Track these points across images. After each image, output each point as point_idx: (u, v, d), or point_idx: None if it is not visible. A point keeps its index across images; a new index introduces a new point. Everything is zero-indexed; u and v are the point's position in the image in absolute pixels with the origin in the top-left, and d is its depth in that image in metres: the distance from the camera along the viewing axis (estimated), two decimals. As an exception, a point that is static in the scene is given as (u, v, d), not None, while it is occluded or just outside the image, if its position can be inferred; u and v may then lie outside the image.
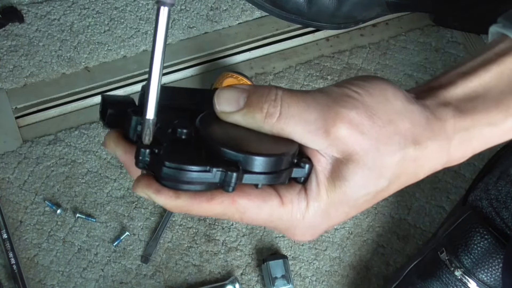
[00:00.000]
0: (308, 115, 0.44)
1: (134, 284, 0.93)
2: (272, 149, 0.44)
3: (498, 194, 0.85)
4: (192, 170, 0.43)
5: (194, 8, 1.07)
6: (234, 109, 0.45)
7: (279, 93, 0.45)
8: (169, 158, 0.43)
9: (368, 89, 0.46)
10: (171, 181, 0.45)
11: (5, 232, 0.93)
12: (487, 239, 0.83)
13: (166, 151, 0.44)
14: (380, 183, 0.46)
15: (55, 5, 1.06)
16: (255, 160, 0.43)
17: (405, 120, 0.46)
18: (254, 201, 0.45)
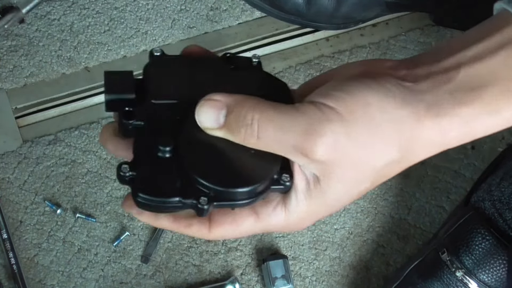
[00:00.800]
0: (287, 139, 0.44)
1: (134, 284, 0.93)
2: (253, 168, 0.45)
3: (501, 195, 0.85)
4: (163, 202, 0.45)
5: (194, 8, 1.07)
6: (215, 126, 0.45)
7: (255, 117, 0.44)
8: (142, 189, 0.45)
9: (349, 104, 0.44)
10: (146, 208, 0.46)
11: (5, 232, 0.93)
12: (489, 240, 0.83)
13: (141, 178, 0.45)
14: (362, 186, 0.47)
15: (55, 5, 1.06)
16: (228, 193, 0.45)
17: (391, 130, 0.45)
18: (229, 227, 0.47)
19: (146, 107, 0.48)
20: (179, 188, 0.45)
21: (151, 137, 0.46)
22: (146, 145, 0.46)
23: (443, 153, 1.09)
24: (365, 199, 0.99)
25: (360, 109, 0.45)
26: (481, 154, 1.02)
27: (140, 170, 0.45)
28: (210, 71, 0.51)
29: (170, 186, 0.45)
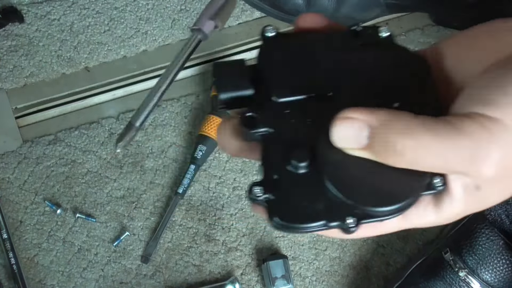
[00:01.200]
0: (447, 167, 0.38)
1: (134, 284, 0.93)
2: (403, 182, 0.39)
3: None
4: (304, 228, 0.39)
5: (194, 8, 1.07)
6: (355, 147, 0.38)
7: (407, 145, 0.37)
8: (282, 214, 0.39)
9: (508, 111, 0.37)
10: (282, 230, 0.40)
11: (5, 232, 0.93)
12: (492, 240, 0.83)
13: (279, 202, 0.39)
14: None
15: (55, 5, 1.06)
16: (378, 211, 0.40)
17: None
18: (370, 229, 0.42)
19: (270, 109, 0.41)
20: (323, 210, 0.39)
21: (280, 147, 0.40)
22: (277, 158, 0.40)
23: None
24: (365, 199, 0.99)
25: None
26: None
27: (275, 189, 0.39)
28: (336, 53, 0.43)
29: (313, 210, 0.39)
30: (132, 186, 0.97)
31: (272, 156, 0.40)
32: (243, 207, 0.98)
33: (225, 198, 0.98)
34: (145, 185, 0.97)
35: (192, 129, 1.00)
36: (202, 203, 0.97)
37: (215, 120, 0.97)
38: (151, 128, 1.00)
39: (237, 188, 0.98)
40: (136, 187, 0.97)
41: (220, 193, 0.98)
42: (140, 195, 0.97)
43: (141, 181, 0.98)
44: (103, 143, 0.99)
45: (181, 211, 0.97)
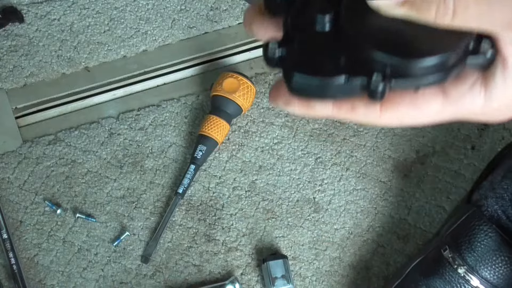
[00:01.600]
0: (495, 14, 0.33)
1: (134, 284, 0.93)
2: (441, 35, 0.34)
3: (504, 193, 0.85)
4: (324, 83, 0.35)
5: (194, 8, 1.07)
6: (392, 4, 0.34)
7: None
8: (299, 66, 0.35)
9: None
10: (302, 93, 0.36)
11: (5, 232, 0.93)
12: (491, 237, 0.83)
13: (296, 55, 0.36)
14: None
15: (55, 5, 1.06)
16: (410, 66, 0.34)
17: None
18: (407, 110, 0.37)
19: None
20: (344, 64, 0.35)
21: (303, 8, 0.37)
22: (299, 17, 0.37)
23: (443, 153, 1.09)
24: (365, 199, 0.99)
25: None
26: (481, 154, 1.02)
27: (294, 46, 0.36)
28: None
29: (333, 62, 0.35)
30: (132, 186, 0.97)
31: (294, 16, 0.37)
32: (243, 207, 0.98)
33: (225, 198, 0.98)
34: (145, 185, 0.97)
35: (192, 129, 1.00)
36: (202, 203, 0.97)
37: (215, 120, 0.97)
38: (151, 128, 1.00)
39: (237, 188, 0.98)
40: (136, 187, 0.97)
41: (220, 193, 0.98)
42: (140, 195, 0.97)
43: (141, 181, 0.98)
44: (103, 143, 0.99)
45: (181, 211, 0.97)
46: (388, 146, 1.02)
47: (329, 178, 1.00)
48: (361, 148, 1.02)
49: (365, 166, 1.01)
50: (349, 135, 1.02)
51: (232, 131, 1.00)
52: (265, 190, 0.98)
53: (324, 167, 1.00)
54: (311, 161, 1.01)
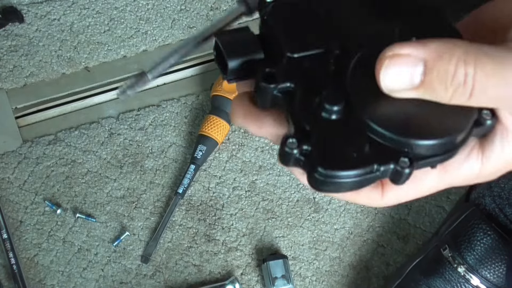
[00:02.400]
0: (509, 95, 0.34)
1: (134, 284, 0.93)
2: (452, 113, 0.35)
3: (501, 191, 0.85)
4: (354, 175, 0.35)
5: (194, 8, 1.07)
6: (406, 87, 0.34)
7: (469, 73, 0.33)
8: (325, 162, 0.34)
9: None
10: (327, 187, 0.35)
11: (5, 232, 0.93)
12: (490, 236, 0.83)
13: (318, 150, 0.35)
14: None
15: (55, 5, 1.06)
16: (431, 147, 0.35)
17: None
18: (406, 188, 0.37)
19: (287, 64, 0.37)
20: (371, 154, 0.34)
21: (307, 97, 0.36)
22: (305, 107, 0.36)
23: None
24: (365, 199, 0.99)
25: None
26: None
27: (313, 143, 0.35)
28: (344, 2, 0.40)
29: (360, 154, 0.34)
30: (132, 186, 0.97)
31: (300, 107, 0.36)
32: (243, 207, 0.98)
33: (225, 198, 0.98)
34: (145, 185, 0.97)
35: (192, 129, 1.00)
36: (202, 203, 0.97)
37: (215, 120, 0.97)
38: (151, 128, 1.00)
39: (237, 188, 0.98)
40: (136, 187, 0.97)
41: (220, 193, 0.98)
42: (140, 195, 0.97)
43: (141, 181, 0.98)
44: (103, 143, 0.99)
45: (181, 211, 0.97)
46: (388, 146, 1.02)
47: (329, 178, 1.00)
48: (361, 148, 1.02)
49: (365, 166, 1.01)
50: (349, 135, 1.02)
51: (232, 131, 1.00)
52: (265, 190, 0.98)
53: (324, 167, 1.00)
54: (311, 161, 1.00)
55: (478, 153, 0.38)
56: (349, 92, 0.36)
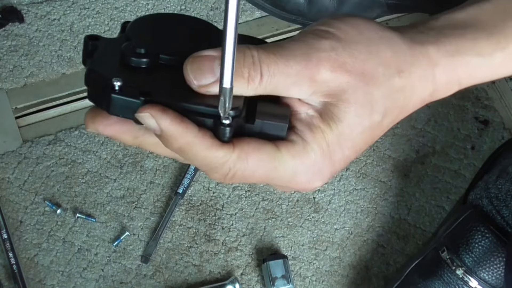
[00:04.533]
0: (290, 69, 0.42)
1: (134, 284, 0.93)
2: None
3: (498, 192, 0.85)
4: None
5: (194, 8, 1.07)
6: (211, 80, 0.42)
7: (255, 55, 0.42)
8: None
9: (340, 26, 0.45)
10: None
11: (5, 232, 0.93)
12: (488, 238, 0.83)
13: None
14: (374, 118, 0.45)
15: (55, 5, 1.06)
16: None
17: (385, 49, 0.45)
18: (253, 144, 0.43)
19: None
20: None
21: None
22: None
23: (443, 153, 1.09)
24: (365, 199, 0.99)
25: (355, 30, 0.45)
26: (481, 154, 1.02)
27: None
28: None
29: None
30: (132, 186, 0.97)
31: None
32: (243, 207, 0.98)
33: (225, 198, 0.98)
34: (145, 185, 0.97)
35: (192, 129, 1.00)
36: (202, 203, 0.97)
37: None
38: (151, 128, 1.00)
39: (237, 188, 0.98)
40: (136, 187, 0.97)
41: (220, 193, 0.98)
42: (140, 195, 0.97)
43: (141, 181, 0.98)
44: (103, 143, 0.99)
45: (181, 211, 0.97)
46: (388, 146, 1.02)
47: (329, 178, 1.00)
48: (361, 148, 1.02)
49: (365, 166, 1.01)
50: (349, 135, 1.02)
51: (232, 131, 1.00)
52: (265, 190, 0.98)
53: (324, 167, 1.00)
54: (311, 161, 1.00)
55: (301, 140, 0.44)
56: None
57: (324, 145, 0.44)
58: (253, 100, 0.44)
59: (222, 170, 0.42)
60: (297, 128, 0.45)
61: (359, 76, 0.44)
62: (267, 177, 0.44)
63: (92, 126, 0.43)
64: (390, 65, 0.45)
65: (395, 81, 0.45)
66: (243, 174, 0.43)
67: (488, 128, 1.04)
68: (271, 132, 0.44)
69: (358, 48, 0.44)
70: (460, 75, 0.47)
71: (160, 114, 0.41)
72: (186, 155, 0.42)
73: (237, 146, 0.42)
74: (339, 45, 0.44)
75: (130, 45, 0.44)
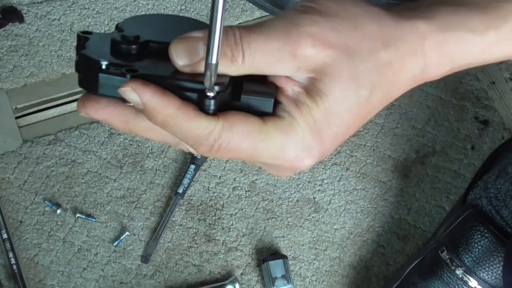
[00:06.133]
0: (270, 46, 0.42)
1: (134, 284, 0.93)
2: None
3: (498, 193, 0.85)
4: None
5: (194, 8, 1.07)
6: (196, 60, 0.42)
7: (237, 34, 0.42)
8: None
9: (323, 2, 0.44)
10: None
11: (5, 232, 0.93)
12: (488, 238, 0.83)
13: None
14: (361, 93, 0.44)
15: (55, 5, 1.06)
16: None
17: (371, 23, 0.44)
18: (238, 115, 0.42)
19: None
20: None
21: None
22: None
23: (443, 153, 1.08)
24: (365, 199, 0.99)
25: (339, 6, 0.44)
26: (481, 154, 1.02)
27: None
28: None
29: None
30: (132, 186, 0.97)
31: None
32: (243, 207, 0.98)
33: (225, 198, 0.98)
34: (145, 185, 0.97)
35: (192, 129, 1.00)
36: (202, 203, 0.97)
37: None
38: (151, 128, 1.00)
39: (237, 188, 0.98)
40: (136, 187, 0.97)
41: (220, 193, 0.98)
42: (140, 195, 0.97)
43: (141, 181, 0.98)
44: (103, 143, 0.99)
45: (181, 211, 0.97)
46: (388, 146, 1.02)
47: (329, 178, 1.00)
48: (361, 148, 1.02)
49: (365, 166, 1.01)
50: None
51: (232, 131, 1.00)
52: (265, 190, 0.98)
53: (324, 167, 1.00)
54: (311, 161, 1.00)
55: (287, 115, 0.44)
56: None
57: (311, 121, 0.43)
58: (240, 80, 0.44)
59: (208, 142, 0.42)
60: (283, 104, 0.44)
61: (342, 50, 0.43)
62: (254, 151, 0.43)
63: (83, 110, 0.43)
64: (375, 39, 0.44)
65: (380, 55, 0.44)
66: (228, 146, 0.42)
67: (488, 128, 1.04)
68: (258, 108, 0.44)
69: (341, 23, 0.43)
70: (452, 51, 0.46)
71: (142, 87, 0.41)
72: (170, 129, 0.42)
73: (221, 117, 0.42)
74: (321, 19, 0.43)
75: (121, 33, 0.45)
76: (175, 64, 0.42)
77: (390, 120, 1.04)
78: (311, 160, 0.44)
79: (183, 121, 0.41)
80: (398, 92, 0.46)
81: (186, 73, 0.43)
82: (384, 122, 1.04)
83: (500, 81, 1.08)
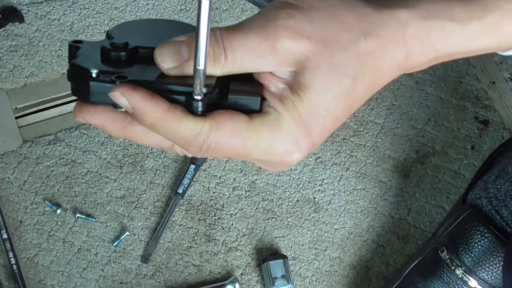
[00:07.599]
0: (250, 41, 0.43)
1: (134, 284, 0.93)
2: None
3: (497, 193, 0.85)
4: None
5: (194, 8, 1.07)
6: (180, 61, 0.43)
7: (217, 33, 0.43)
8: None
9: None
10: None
11: (5, 232, 0.93)
12: (487, 238, 0.83)
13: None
14: (343, 83, 0.44)
15: (55, 5, 1.06)
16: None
17: (348, 13, 0.44)
18: (225, 114, 0.43)
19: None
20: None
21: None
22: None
23: (443, 153, 1.09)
24: (365, 199, 0.99)
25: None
26: (481, 155, 1.02)
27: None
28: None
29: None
30: (132, 186, 0.97)
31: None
32: (243, 207, 0.98)
33: (225, 198, 0.98)
34: (145, 185, 0.97)
35: (192, 129, 1.00)
36: (202, 203, 0.97)
37: None
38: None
39: (237, 188, 0.98)
40: (136, 187, 0.97)
41: (220, 193, 0.98)
42: (140, 195, 0.97)
43: (141, 181, 0.98)
44: (103, 143, 0.99)
45: (181, 211, 0.97)
46: (388, 146, 1.02)
47: (329, 178, 1.00)
48: (361, 148, 1.02)
49: (365, 166, 1.01)
50: (349, 135, 1.02)
51: (232, 131, 1.00)
52: (265, 190, 0.98)
53: (324, 167, 1.00)
54: (311, 161, 1.01)
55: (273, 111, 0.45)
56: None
57: (296, 115, 0.44)
58: (227, 81, 0.45)
59: (197, 142, 0.43)
60: (269, 101, 0.44)
61: (320, 42, 0.43)
62: (244, 148, 0.44)
63: (80, 115, 0.44)
64: (354, 28, 0.44)
65: (360, 44, 0.44)
66: (217, 145, 0.43)
67: (488, 128, 1.04)
68: (245, 107, 0.44)
69: (317, 15, 0.44)
70: (434, 39, 0.46)
71: (130, 91, 0.42)
72: (159, 131, 0.43)
73: (209, 117, 0.43)
74: (297, 12, 0.43)
75: (110, 41, 0.46)
76: (160, 68, 0.43)
77: (390, 120, 1.04)
78: (300, 153, 0.45)
79: (171, 123, 0.42)
80: (383, 80, 0.46)
81: (174, 76, 0.43)
82: (384, 122, 1.04)
83: (500, 81, 1.08)
